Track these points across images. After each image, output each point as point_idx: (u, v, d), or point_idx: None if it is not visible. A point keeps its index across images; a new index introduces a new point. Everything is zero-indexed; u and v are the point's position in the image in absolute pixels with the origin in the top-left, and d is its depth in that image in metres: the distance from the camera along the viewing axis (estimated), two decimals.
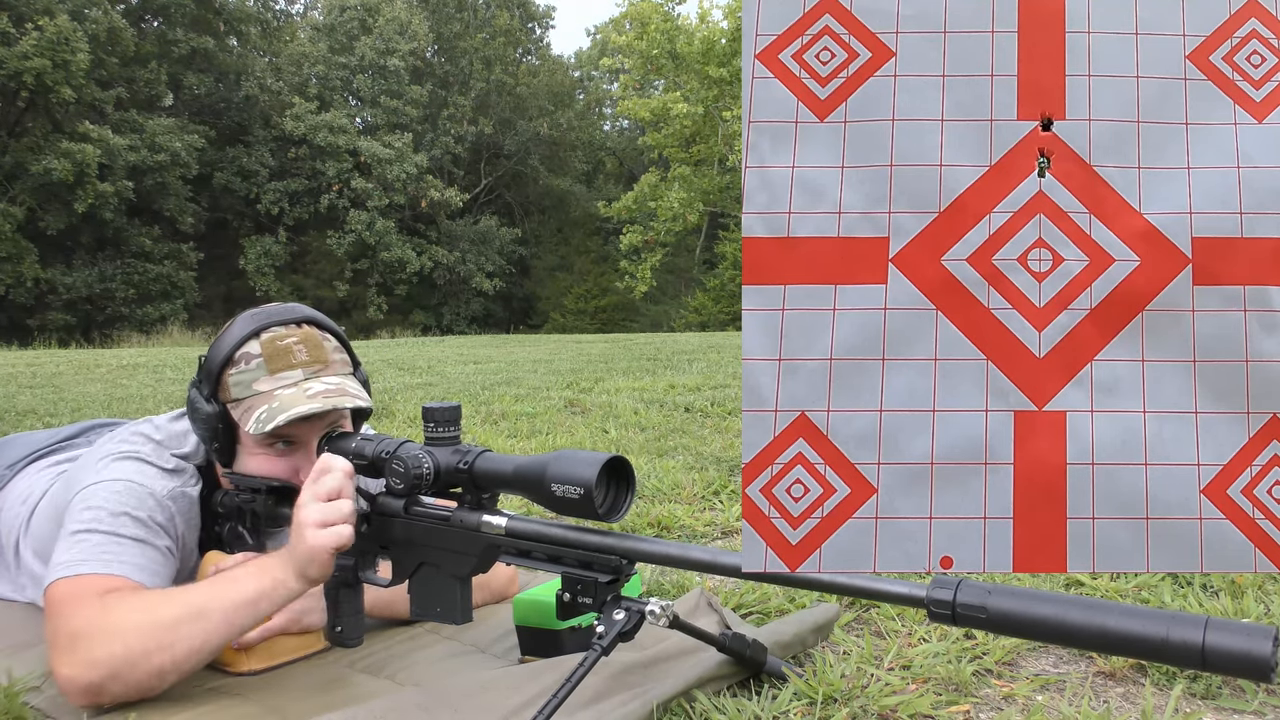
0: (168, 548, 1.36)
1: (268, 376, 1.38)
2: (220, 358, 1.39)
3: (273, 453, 1.39)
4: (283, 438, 1.39)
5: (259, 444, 1.38)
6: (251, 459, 1.40)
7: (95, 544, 1.29)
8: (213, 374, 1.39)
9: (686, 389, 5.12)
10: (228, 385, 1.39)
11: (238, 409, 1.37)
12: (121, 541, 1.31)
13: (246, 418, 1.36)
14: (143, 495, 1.35)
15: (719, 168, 22.95)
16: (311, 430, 1.40)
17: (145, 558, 1.32)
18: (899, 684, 1.28)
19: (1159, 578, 1.68)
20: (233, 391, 1.38)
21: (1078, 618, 0.83)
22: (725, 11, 23.01)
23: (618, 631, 1.06)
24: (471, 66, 26.96)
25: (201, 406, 1.39)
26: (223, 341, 1.41)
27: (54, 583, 1.26)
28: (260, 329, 1.41)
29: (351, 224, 23.35)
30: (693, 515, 2.31)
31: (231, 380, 1.38)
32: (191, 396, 1.42)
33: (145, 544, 1.33)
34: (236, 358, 1.39)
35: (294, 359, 1.40)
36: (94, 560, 1.27)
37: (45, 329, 19.04)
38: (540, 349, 10.06)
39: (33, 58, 18.19)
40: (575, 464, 1.08)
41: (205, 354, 1.42)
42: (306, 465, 1.38)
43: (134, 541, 1.32)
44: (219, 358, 1.39)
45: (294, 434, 1.39)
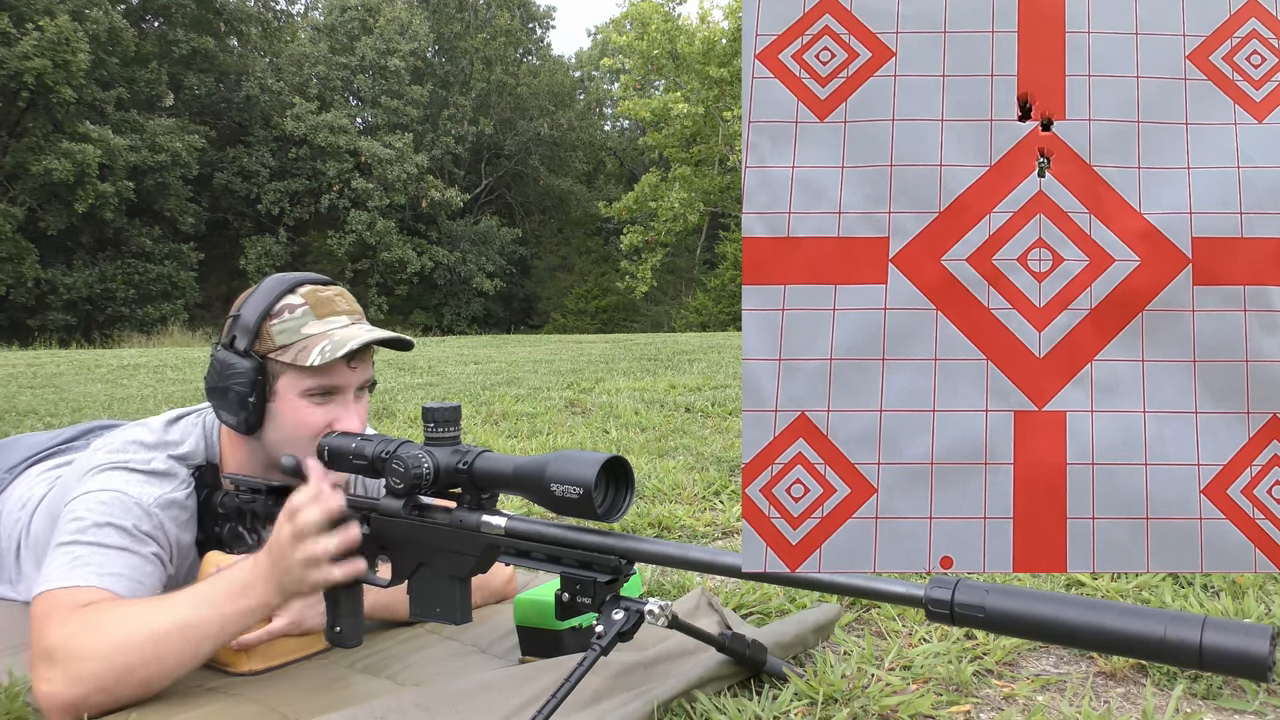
0: (154, 554, 1.36)
1: (316, 320, 1.40)
2: (258, 312, 1.40)
3: (312, 402, 1.40)
4: (325, 388, 1.40)
5: (301, 393, 1.39)
6: (288, 413, 1.40)
7: (76, 556, 1.29)
8: (250, 328, 1.40)
9: (687, 389, 5.12)
10: (270, 335, 1.39)
11: (286, 354, 1.38)
12: (104, 551, 1.30)
13: (303, 357, 1.37)
14: (128, 505, 1.35)
15: (719, 168, 22.96)
16: (354, 377, 1.42)
17: (128, 566, 1.31)
18: (899, 684, 1.28)
19: (1159, 578, 1.68)
20: (278, 340, 1.39)
21: (1075, 617, 0.83)
22: (726, 11, 23.02)
23: (616, 631, 1.06)
24: (472, 67, 26.96)
25: (236, 363, 1.39)
26: (255, 300, 1.42)
27: (37, 598, 1.27)
28: (295, 285, 1.44)
29: (352, 224, 23.35)
30: (693, 515, 2.31)
31: (275, 330, 1.39)
32: (221, 358, 1.41)
33: (129, 552, 1.32)
34: (277, 309, 1.41)
35: (338, 307, 1.43)
36: (75, 574, 1.27)
37: (46, 329, 19.05)
38: (541, 349, 10.06)
39: (33, 58, 18.18)
40: (574, 464, 1.08)
41: (234, 314, 1.43)
42: (343, 415, 1.40)
43: (118, 550, 1.31)
44: (256, 313, 1.40)
45: (338, 382, 1.40)
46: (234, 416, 1.41)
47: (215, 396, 1.42)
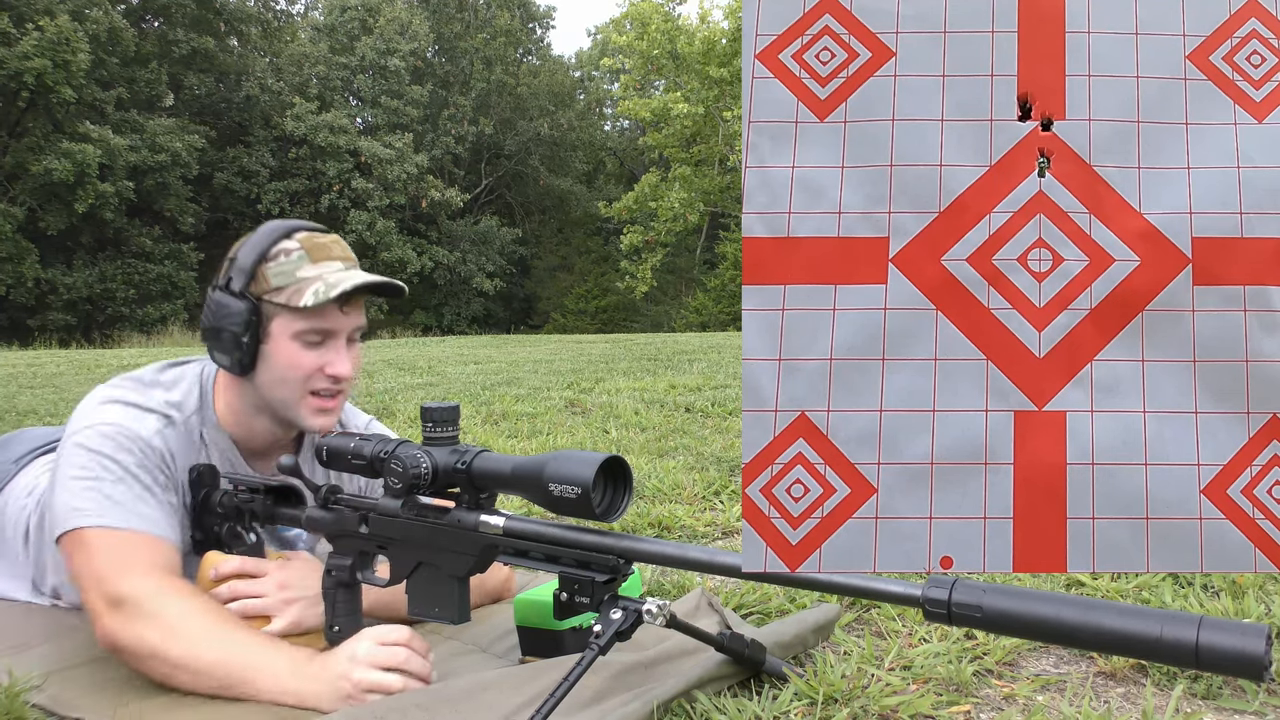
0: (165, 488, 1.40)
1: (311, 264, 1.41)
2: (255, 255, 1.42)
3: (304, 345, 1.42)
4: (318, 331, 1.41)
5: (293, 336, 1.41)
6: (280, 356, 1.42)
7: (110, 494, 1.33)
8: (245, 269, 1.41)
9: (687, 389, 5.12)
10: (265, 277, 1.41)
11: (280, 295, 1.40)
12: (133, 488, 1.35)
13: (296, 297, 1.38)
14: (133, 437, 1.39)
15: (719, 168, 22.96)
16: (347, 322, 1.43)
17: (167, 510, 1.37)
18: (899, 684, 1.28)
19: (1160, 578, 1.68)
20: (273, 281, 1.40)
21: (1073, 617, 0.83)
22: (726, 11, 23.03)
23: (614, 631, 1.06)
24: (472, 67, 26.96)
25: (231, 303, 1.41)
26: (251, 243, 1.44)
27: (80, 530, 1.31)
28: (292, 230, 1.45)
29: (352, 224, 23.34)
30: (693, 515, 2.31)
31: (271, 271, 1.41)
32: (217, 298, 1.43)
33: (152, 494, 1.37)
34: (273, 253, 1.42)
35: (333, 253, 1.45)
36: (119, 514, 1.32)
37: (46, 329, 19.05)
38: (541, 349, 10.06)
39: (33, 58, 18.18)
40: (573, 464, 1.08)
41: (231, 256, 1.45)
42: (335, 360, 1.43)
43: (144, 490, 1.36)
44: (252, 255, 1.42)
45: (331, 326, 1.42)
46: (227, 357, 1.43)
47: (209, 337, 1.44)
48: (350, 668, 1.20)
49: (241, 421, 1.50)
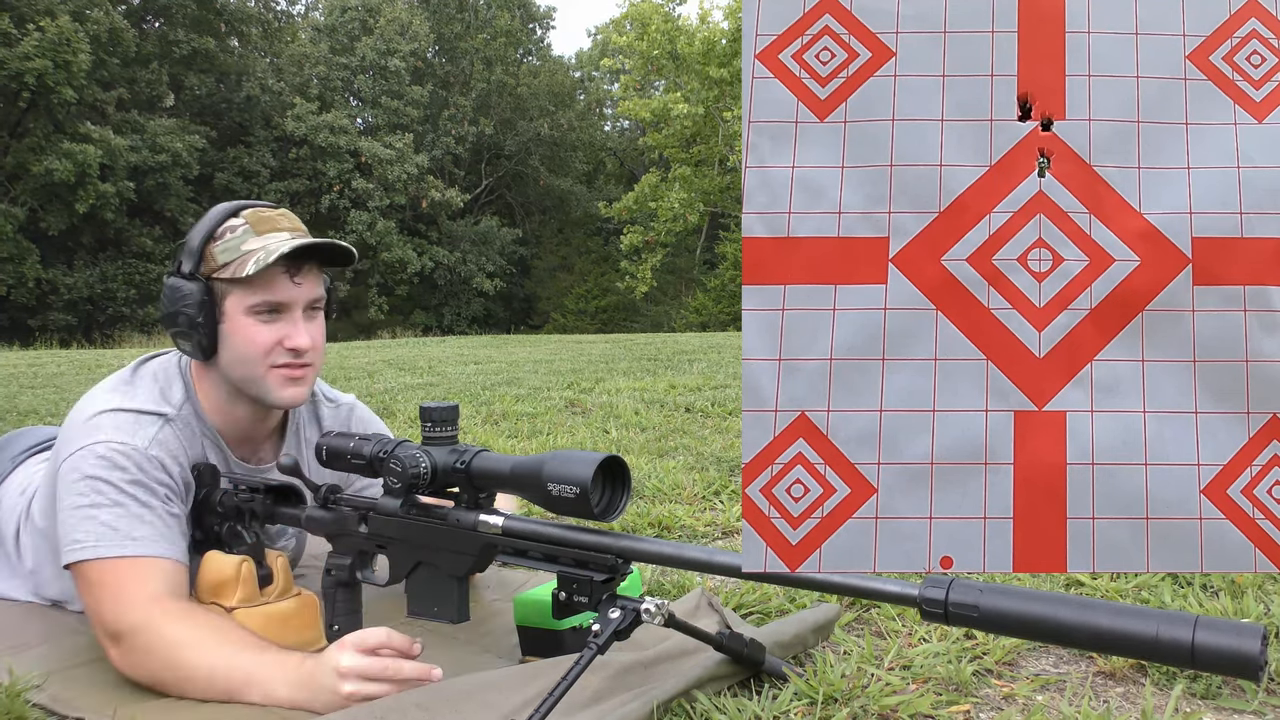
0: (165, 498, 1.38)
1: (256, 237, 1.41)
2: (201, 235, 1.42)
3: (259, 320, 1.41)
4: (270, 304, 1.40)
5: (246, 311, 1.40)
6: (237, 333, 1.41)
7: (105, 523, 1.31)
8: (194, 251, 1.41)
9: (687, 389, 5.11)
10: (213, 256, 1.41)
11: (226, 271, 1.39)
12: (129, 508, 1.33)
13: (240, 269, 1.38)
14: (128, 452, 1.36)
15: (719, 168, 22.96)
16: (300, 292, 1.42)
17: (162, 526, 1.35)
18: (899, 684, 1.28)
19: (1159, 578, 1.67)
20: (219, 259, 1.40)
21: (1069, 616, 0.84)
22: (725, 12, 23.02)
23: (613, 630, 1.06)
24: (472, 67, 26.96)
25: (182, 285, 1.40)
26: (200, 225, 1.43)
27: (81, 564, 1.31)
28: (240, 209, 1.45)
29: (352, 224, 23.34)
30: (693, 515, 2.31)
31: (217, 250, 1.40)
32: (170, 284, 1.42)
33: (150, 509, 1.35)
34: (219, 232, 1.42)
35: (279, 224, 1.44)
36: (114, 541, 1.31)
37: (46, 329, 19.04)
38: (541, 349, 10.06)
39: (34, 58, 18.17)
40: (571, 463, 1.08)
41: (181, 242, 1.45)
42: (293, 333, 1.42)
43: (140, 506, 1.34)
44: (199, 236, 1.42)
45: (282, 298, 1.41)
46: (188, 342, 1.43)
47: (168, 324, 1.44)
48: (337, 682, 1.17)
49: (222, 409, 1.49)
